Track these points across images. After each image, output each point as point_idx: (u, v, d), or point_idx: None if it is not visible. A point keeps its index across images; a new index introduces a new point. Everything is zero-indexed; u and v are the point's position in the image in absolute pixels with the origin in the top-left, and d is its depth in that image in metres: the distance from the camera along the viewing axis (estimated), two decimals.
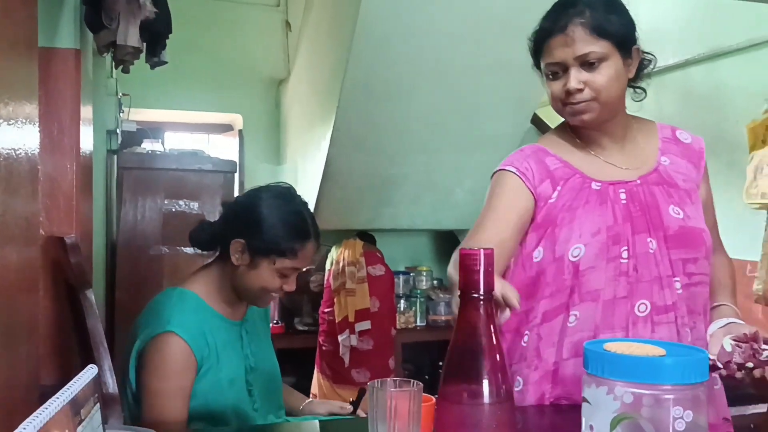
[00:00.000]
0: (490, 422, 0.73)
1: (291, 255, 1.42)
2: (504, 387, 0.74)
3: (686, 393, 0.69)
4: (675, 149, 1.36)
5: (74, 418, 0.66)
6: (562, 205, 1.29)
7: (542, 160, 1.35)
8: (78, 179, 1.72)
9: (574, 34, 1.24)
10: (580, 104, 1.26)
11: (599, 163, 1.34)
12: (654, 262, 1.25)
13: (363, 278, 3.50)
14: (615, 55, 1.25)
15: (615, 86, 1.26)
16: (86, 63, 1.86)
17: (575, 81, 1.25)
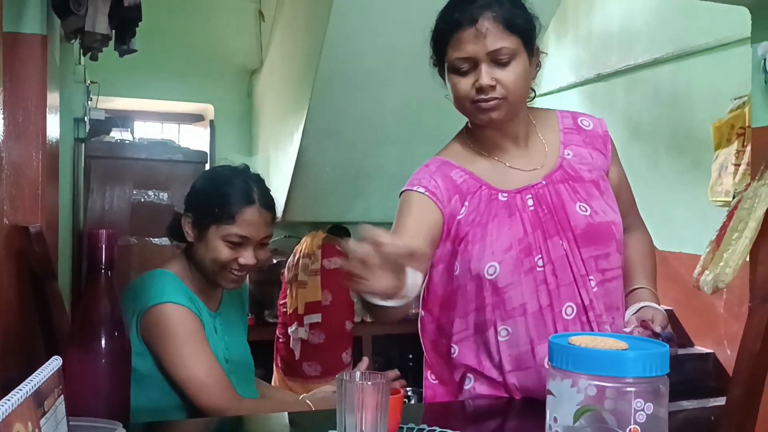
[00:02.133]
0: (106, 372, 1.00)
1: (229, 220, 1.40)
2: (118, 343, 1.01)
3: (647, 386, 0.71)
4: (577, 138, 1.33)
5: (37, 410, 0.66)
6: (472, 221, 1.26)
7: (448, 175, 1.31)
8: (44, 167, 1.68)
9: (485, 28, 1.19)
10: (490, 101, 1.21)
11: (503, 169, 1.30)
12: (568, 264, 1.24)
13: (316, 270, 3.49)
14: (523, 52, 1.21)
15: (523, 84, 1.23)
16: (53, 49, 1.82)
17: (488, 77, 1.19)
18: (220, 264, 1.42)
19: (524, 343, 1.25)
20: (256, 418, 1.37)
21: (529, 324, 1.24)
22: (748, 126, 2.49)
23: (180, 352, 1.34)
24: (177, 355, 1.34)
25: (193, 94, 4.30)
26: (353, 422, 0.90)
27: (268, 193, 1.49)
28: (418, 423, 1.11)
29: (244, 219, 1.41)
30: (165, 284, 1.39)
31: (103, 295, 1.01)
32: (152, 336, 1.35)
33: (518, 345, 1.26)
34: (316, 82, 3.14)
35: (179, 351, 1.34)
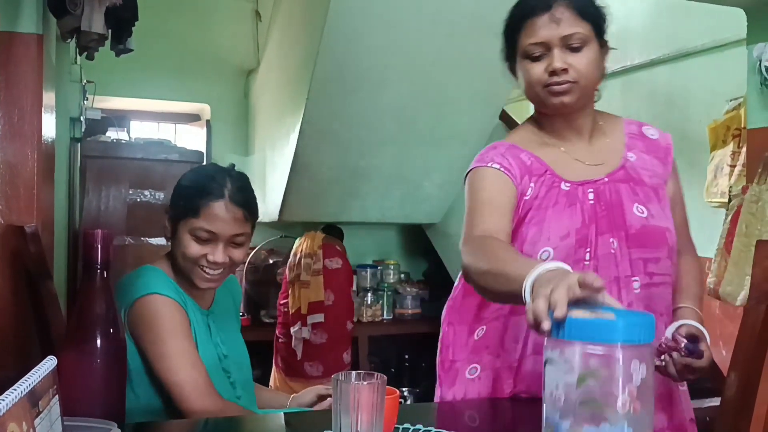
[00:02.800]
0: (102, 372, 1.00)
1: (193, 214, 1.38)
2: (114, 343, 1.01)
3: (640, 350, 0.78)
4: (641, 145, 1.34)
5: (32, 410, 0.65)
6: (534, 203, 1.28)
7: (518, 156, 1.32)
8: (39, 167, 1.68)
9: (560, 13, 1.22)
10: (563, 84, 1.23)
11: (567, 159, 1.32)
12: (614, 263, 1.25)
13: (318, 270, 3.49)
14: (594, 40, 1.24)
15: (594, 72, 1.25)
16: (49, 48, 1.82)
17: (560, 61, 1.22)
18: (189, 259, 1.40)
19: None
20: (252, 419, 1.37)
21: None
22: (744, 127, 2.50)
23: (163, 349, 1.32)
24: (160, 352, 1.32)
25: (190, 94, 4.29)
26: (349, 422, 0.90)
27: (245, 190, 1.44)
28: (413, 423, 1.11)
29: (210, 213, 1.38)
30: (150, 277, 1.38)
31: (99, 296, 1.01)
32: (137, 329, 1.34)
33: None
34: (312, 83, 3.13)
35: (161, 348, 1.32)
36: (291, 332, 3.42)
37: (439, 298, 4.29)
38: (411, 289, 4.27)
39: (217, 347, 1.48)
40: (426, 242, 4.36)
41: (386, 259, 4.44)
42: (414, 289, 4.28)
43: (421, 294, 4.27)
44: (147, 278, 1.38)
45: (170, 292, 1.37)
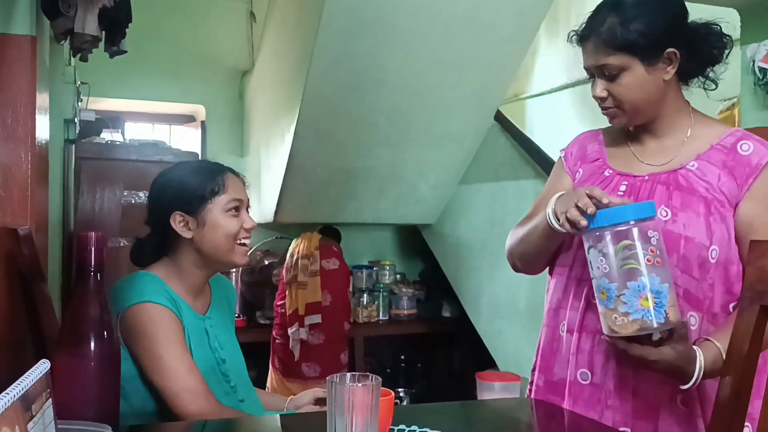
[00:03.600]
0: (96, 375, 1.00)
1: (222, 189, 1.45)
2: (108, 346, 1.01)
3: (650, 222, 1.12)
4: (719, 158, 1.28)
5: (25, 414, 0.65)
6: (577, 183, 1.39)
7: (586, 145, 1.45)
8: (33, 169, 1.67)
9: (592, 46, 1.28)
10: (608, 110, 1.31)
11: (628, 155, 1.37)
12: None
13: (316, 271, 3.49)
14: (636, 63, 1.24)
15: (639, 94, 1.27)
16: (42, 50, 1.81)
17: (599, 89, 1.29)
18: (231, 237, 1.44)
19: (555, 300, 1.37)
20: (248, 422, 1.36)
21: (561, 284, 1.35)
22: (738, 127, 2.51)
23: (158, 355, 1.32)
24: (155, 359, 1.32)
25: (184, 95, 4.29)
26: (343, 424, 0.90)
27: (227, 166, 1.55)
28: (409, 424, 1.11)
29: (231, 183, 1.47)
30: (145, 285, 1.38)
31: (93, 298, 1.00)
32: (131, 336, 1.34)
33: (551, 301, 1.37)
34: (307, 84, 3.13)
35: (157, 354, 1.32)
36: (288, 333, 3.42)
37: (435, 298, 4.30)
38: (407, 290, 4.27)
39: (215, 352, 1.47)
40: (422, 243, 4.36)
41: (382, 260, 4.44)
42: (410, 289, 4.28)
43: (417, 294, 4.27)
44: (141, 285, 1.38)
45: (164, 300, 1.37)
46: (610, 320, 1.11)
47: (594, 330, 1.26)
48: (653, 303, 1.07)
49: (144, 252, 1.51)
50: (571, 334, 1.30)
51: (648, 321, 1.08)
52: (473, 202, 3.82)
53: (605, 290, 1.11)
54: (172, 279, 1.44)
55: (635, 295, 1.08)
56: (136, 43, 2.29)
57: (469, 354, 4.00)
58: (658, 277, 1.08)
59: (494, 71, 3.27)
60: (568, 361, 1.30)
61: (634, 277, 1.08)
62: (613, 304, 1.10)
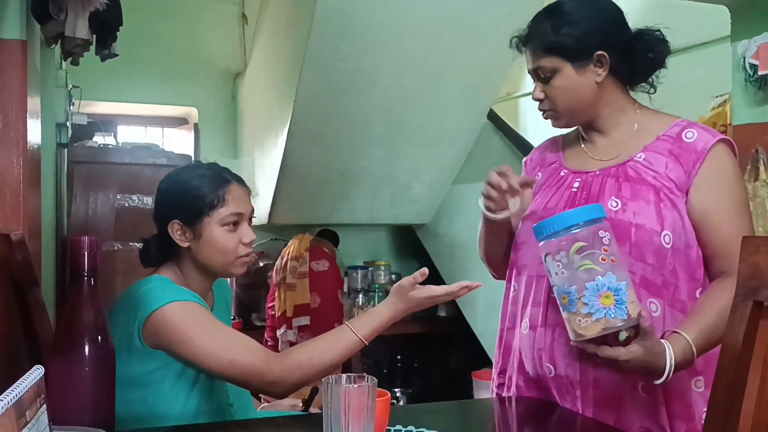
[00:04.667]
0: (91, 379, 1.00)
1: (220, 202, 1.40)
2: (102, 350, 1.01)
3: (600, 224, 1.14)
4: (665, 147, 1.31)
5: (19, 420, 0.65)
6: (536, 187, 1.43)
7: (545, 151, 1.50)
8: (25, 174, 1.67)
9: (529, 49, 1.35)
10: (546, 113, 1.38)
11: (581, 155, 1.42)
12: None
13: (304, 273, 3.48)
14: (566, 66, 1.31)
15: (571, 95, 1.33)
16: (33, 54, 1.80)
17: (537, 91, 1.36)
18: (228, 252, 1.41)
19: (517, 302, 1.38)
20: (246, 424, 1.36)
21: (524, 285, 1.36)
22: (729, 123, 2.51)
23: (202, 343, 1.30)
24: (202, 348, 1.30)
25: (177, 98, 4.28)
26: (340, 425, 0.90)
27: (231, 171, 1.51)
28: (405, 424, 1.11)
29: (233, 196, 1.42)
30: (164, 287, 1.36)
31: (86, 303, 1.00)
32: (166, 338, 1.31)
33: (516, 303, 1.39)
34: (300, 85, 3.13)
35: (201, 343, 1.30)
36: (277, 335, 3.41)
37: None
38: None
39: None
40: (416, 243, 4.36)
41: (377, 261, 4.44)
42: None
43: None
44: (161, 289, 1.35)
45: (187, 296, 1.35)
46: (575, 324, 1.12)
47: (554, 323, 1.28)
48: (613, 300, 1.09)
49: (149, 253, 1.49)
50: (534, 330, 1.32)
51: (611, 319, 1.09)
52: (467, 201, 3.82)
53: (566, 294, 1.12)
54: (180, 283, 1.43)
55: (595, 294, 1.09)
56: (127, 46, 2.29)
57: (465, 353, 4.00)
58: (614, 275, 1.10)
59: (486, 70, 3.28)
60: (538, 358, 1.31)
61: (592, 277, 1.10)
62: (575, 307, 1.11)
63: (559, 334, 1.27)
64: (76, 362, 0.98)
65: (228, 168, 1.51)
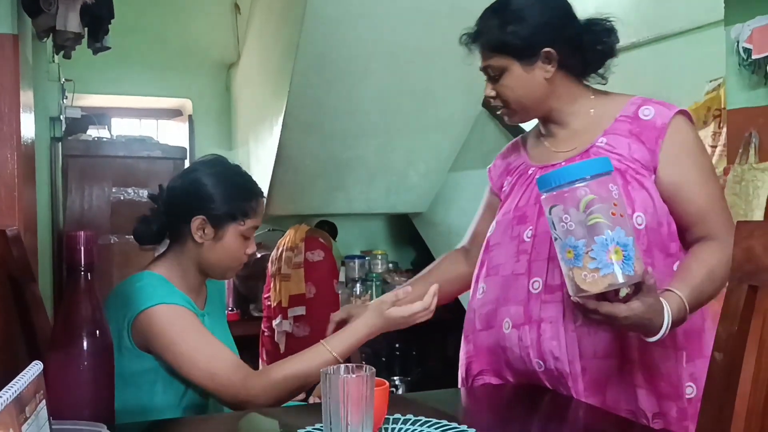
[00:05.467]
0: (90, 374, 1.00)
1: (253, 214, 1.44)
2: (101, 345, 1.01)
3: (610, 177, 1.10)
4: (624, 128, 1.32)
5: (19, 416, 0.65)
6: (507, 190, 1.44)
7: (507, 156, 1.51)
8: (19, 169, 1.66)
9: (477, 50, 1.36)
10: (500, 109, 1.39)
11: (545, 150, 1.41)
12: (549, 242, 1.27)
13: (299, 263, 3.47)
14: (513, 65, 1.31)
15: (521, 93, 1.33)
16: (25, 48, 1.79)
17: (488, 89, 1.38)
18: (236, 258, 1.44)
19: (491, 302, 1.36)
20: (246, 415, 1.37)
21: (498, 284, 1.35)
22: (724, 108, 2.52)
23: (185, 350, 1.31)
24: (184, 355, 1.31)
25: (171, 90, 4.26)
26: (338, 415, 0.90)
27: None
28: (404, 413, 1.11)
29: (259, 210, 1.46)
30: (155, 287, 1.36)
31: (84, 298, 1.00)
32: (151, 340, 1.33)
33: (487, 303, 1.37)
34: (294, 75, 3.12)
35: (183, 350, 1.31)
36: (273, 325, 3.42)
37: None
38: (399, 279, 4.27)
39: None
40: (413, 231, 4.36)
41: (374, 250, 4.45)
42: (402, 278, 4.29)
43: None
44: (151, 288, 1.36)
45: (176, 299, 1.36)
46: (579, 279, 1.07)
47: (538, 320, 1.28)
48: (622, 256, 1.05)
49: (149, 231, 1.47)
50: (518, 329, 1.30)
51: (618, 275, 1.05)
52: (463, 189, 3.83)
53: (571, 248, 1.07)
54: (175, 278, 1.43)
55: (603, 249, 1.05)
56: (119, 39, 2.27)
57: None
58: (623, 230, 1.06)
59: None
60: (526, 355, 1.30)
61: (601, 232, 1.06)
62: (582, 262, 1.06)
63: (544, 330, 1.27)
64: (75, 357, 0.98)
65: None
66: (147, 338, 1.33)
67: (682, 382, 1.26)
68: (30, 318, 1.37)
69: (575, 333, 1.25)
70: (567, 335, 1.25)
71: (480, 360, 1.41)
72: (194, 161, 1.55)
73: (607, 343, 1.25)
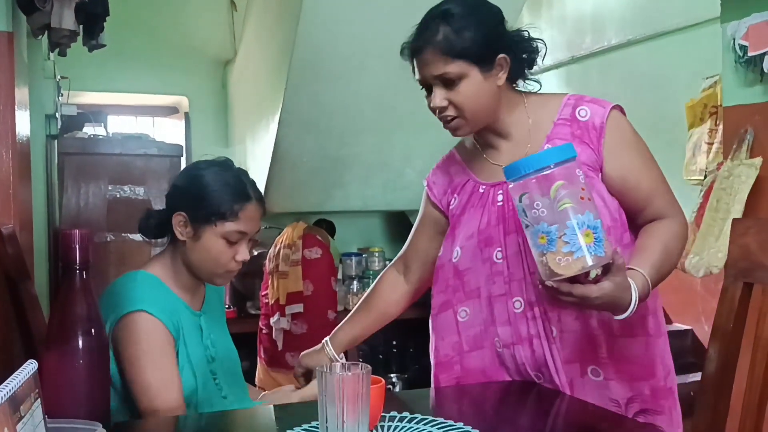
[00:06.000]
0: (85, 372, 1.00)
1: (232, 217, 1.39)
2: (96, 343, 1.01)
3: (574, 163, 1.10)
4: (566, 131, 1.32)
5: (13, 416, 0.65)
6: (457, 210, 1.41)
7: (448, 170, 1.47)
8: (15, 166, 1.66)
9: (429, 56, 1.29)
10: (450, 121, 1.32)
11: (486, 165, 1.39)
12: (522, 260, 1.29)
13: (297, 261, 3.47)
14: (473, 70, 1.27)
15: (478, 100, 1.29)
16: (20, 46, 1.79)
17: (438, 99, 1.30)
18: (220, 264, 1.40)
19: (478, 324, 1.36)
20: (242, 413, 1.37)
21: (483, 306, 1.35)
22: (720, 105, 2.52)
23: (140, 361, 1.31)
24: (137, 363, 1.31)
25: (167, 87, 4.25)
26: (335, 413, 0.90)
27: (256, 186, 1.49)
28: (401, 410, 1.11)
29: (246, 215, 1.41)
30: (144, 290, 1.36)
31: (79, 296, 1.00)
32: (120, 343, 1.32)
33: (474, 325, 1.37)
34: (290, 72, 3.11)
35: (139, 360, 1.31)
36: (271, 323, 3.42)
37: None
38: None
39: (206, 350, 1.47)
40: (410, 228, 4.36)
41: (371, 247, 4.45)
42: None
43: None
44: (139, 290, 1.35)
45: (158, 309, 1.34)
46: (553, 263, 1.09)
47: (528, 337, 1.30)
48: (593, 239, 1.07)
49: (148, 224, 1.48)
50: (510, 348, 1.32)
51: (590, 257, 1.07)
52: None
53: (545, 234, 1.09)
54: (170, 277, 1.42)
55: (575, 233, 1.07)
56: (115, 36, 2.27)
57: None
58: (591, 213, 1.08)
59: None
60: (523, 369, 1.33)
61: (572, 216, 1.07)
62: (555, 246, 1.08)
63: (537, 346, 1.29)
64: (70, 355, 0.98)
65: (254, 181, 1.49)
66: (119, 341, 1.32)
67: (654, 362, 1.29)
68: (25, 316, 1.37)
69: (557, 343, 1.29)
70: (553, 346, 1.29)
71: (471, 380, 1.40)
72: (201, 160, 1.52)
73: (579, 346, 1.28)
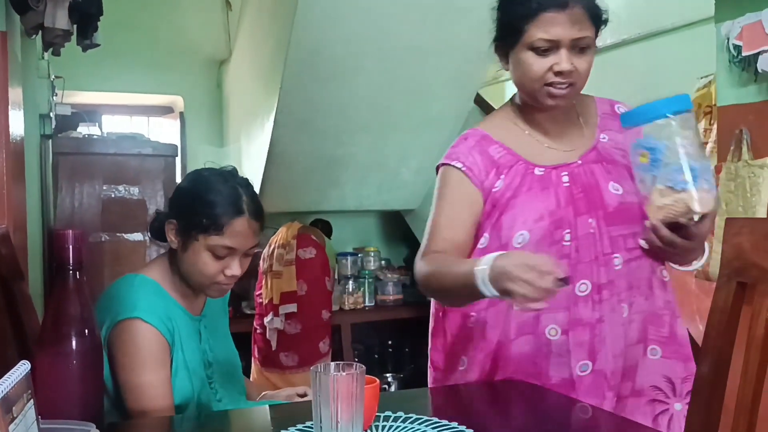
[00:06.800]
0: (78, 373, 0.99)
1: (215, 231, 1.33)
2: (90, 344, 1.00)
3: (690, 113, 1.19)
4: (613, 124, 1.34)
5: (6, 416, 0.65)
6: (506, 192, 1.30)
7: (486, 150, 1.34)
8: (8, 166, 1.65)
9: (576, 14, 1.20)
10: (564, 87, 1.24)
11: (541, 148, 1.34)
12: (594, 242, 1.27)
13: (291, 261, 3.47)
14: (594, 43, 1.25)
15: (589, 73, 1.27)
16: (13, 45, 1.78)
17: (568, 63, 1.21)
18: (207, 277, 1.37)
19: (517, 313, 1.28)
20: (237, 413, 1.37)
21: None
22: (714, 104, 2.52)
23: (136, 380, 1.30)
24: (132, 382, 1.30)
25: (162, 86, 4.24)
26: (329, 413, 0.90)
27: (257, 200, 1.42)
28: (395, 410, 1.11)
29: (234, 230, 1.34)
30: (141, 296, 1.34)
31: (72, 297, 0.99)
32: (114, 349, 1.32)
33: (526, 312, 1.26)
34: (285, 71, 3.11)
35: (132, 367, 1.30)
36: (265, 323, 3.42)
37: None
38: (392, 276, 4.28)
39: (204, 354, 1.46)
40: (405, 228, 4.37)
41: (366, 247, 4.45)
42: (395, 275, 4.30)
43: (402, 280, 4.29)
44: (137, 296, 1.34)
45: (156, 316, 1.32)
46: (690, 200, 1.14)
47: (590, 322, 1.27)
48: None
49: (154, 227, 1.47)
50: (566, 334, 1.28)
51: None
52: None
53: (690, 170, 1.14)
54: (168, 282, 1.41)
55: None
56: (109, 35, 2.26)
57: None
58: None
59: (473, 54, 3.26)
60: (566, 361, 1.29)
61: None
62: (698, 184, 1.14)
63: (599, 330, 1.27)
64: (64, 356, 0.97)
65: (256, 194, 1.44)
66: (114, 346, 1.31)
67: (687, 342, 1.35)
68: (19, 317, 1.36)
69: (622, 327, 1.29)
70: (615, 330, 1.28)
71: (507, 369, 1.33)
72: (206, 167, 1.48)
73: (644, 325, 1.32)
